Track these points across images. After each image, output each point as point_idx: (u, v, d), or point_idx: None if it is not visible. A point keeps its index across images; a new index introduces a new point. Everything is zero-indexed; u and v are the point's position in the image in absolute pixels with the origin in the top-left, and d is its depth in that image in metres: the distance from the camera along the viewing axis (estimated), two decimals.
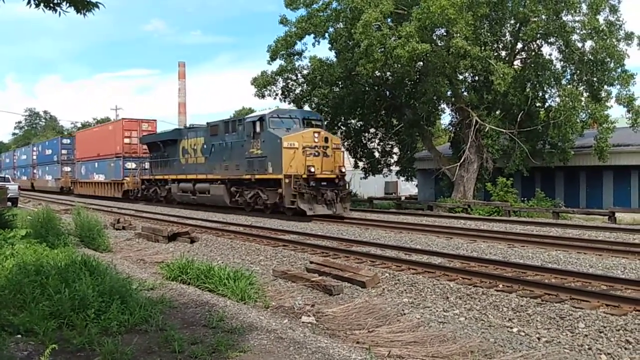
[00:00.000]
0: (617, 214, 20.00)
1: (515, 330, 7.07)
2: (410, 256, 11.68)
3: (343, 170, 21.44)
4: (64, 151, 49.72)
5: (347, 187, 21.72)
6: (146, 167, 34.50)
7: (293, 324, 6.91)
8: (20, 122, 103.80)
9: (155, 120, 38.63)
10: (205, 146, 26.16)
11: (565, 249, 12.12)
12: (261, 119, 21.85)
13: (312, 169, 20.18)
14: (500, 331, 7.02)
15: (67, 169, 48.63)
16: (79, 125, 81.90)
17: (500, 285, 8.78)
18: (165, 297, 7.40)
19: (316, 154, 20.80)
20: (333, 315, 7.85)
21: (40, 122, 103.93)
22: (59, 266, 7.95)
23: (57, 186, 49.25)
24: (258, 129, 21.84)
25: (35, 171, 58.28)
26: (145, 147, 35.23)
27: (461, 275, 9.65)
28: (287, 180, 20.11)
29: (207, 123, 26.87)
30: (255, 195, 22.73)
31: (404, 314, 7.85)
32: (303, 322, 7.38)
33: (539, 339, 6.71)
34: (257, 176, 22.04)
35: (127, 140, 36.60)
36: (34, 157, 58.37)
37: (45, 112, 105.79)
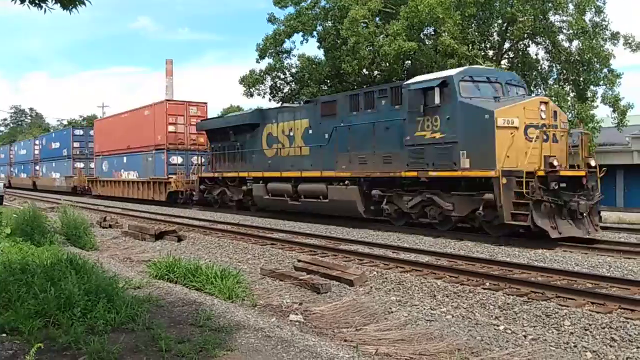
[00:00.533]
0: (602, 213, 20.12)
1: (501, 328, 7.11)
2: (397, 254, 11.71)
3: (593, 163, 13.90)
4: (76, 144, 41.68)
5: (596, 190, 13.78)
6: (202, 161, 26.61)
7: (281, 323, 6.91)
8: (5, 120, 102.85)
9: (206, 103, 30.50)
10: (311, 131, 18.77)
11: (552, 247, 12.20)
12: (444, 83, 13.94)
13: (555, 163, 12.74)
14: (487, 329, 7.07)
15: (80, 165, 40.95)
16: (65, 122, 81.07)
17: (487, 284, 8.83)
18: (152, 296, 7.36)
19: (545, 137, 13.25)
20: (321, 313, 7.85)
21: (26, 120, 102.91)
22: (45, 265, 7.90)
23: (67, 185, 41.03)
24: (437, 100, 13.92)
25: (37, 168, 50.36)
26: (194, 137, 28.61)
27: (448, 273, 9.69)
28: (505, 180, 12.58)
29: (313, 100, 21.16)
30: (424, 203, 14.87)
31: (392, 312, 7.88)
32: (291, 321, 7.38)
33: (525, 336, 6.76)
34: (433, 173, 14.19)
35: (171, 128, 28.38)
36: (36, 152, 50.46)
37: (31, 109, 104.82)
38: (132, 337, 5.55)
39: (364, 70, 28.70)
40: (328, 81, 31.82)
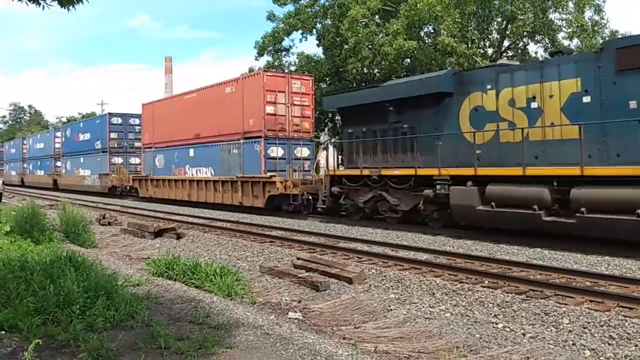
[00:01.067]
0: None
1: (500, 326, 7.12)
2: (396, 252, 11.72)
3: None
4: (113, 134, 35.16)
5: None
6: (309, 154, 21.70)
7: (280, 320, 6.91)
8: (4, 117, 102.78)
9: (311, 77, 23.42)
10: (588, 98, 12.00)
11: (550, 245, 12.20)
12: None
13: None
14: (486, 327, 7.07)
15: (118, 160, 34.82)
16: (64, 119, 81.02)
17: (486, 282, 8.85)
18: (151, 293, 7.37)
19: None
20: (320, 311, 7.86)
21: (25, 117, 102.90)
22: (44, 262, 7.89)
23: (102, 185, 34.70)
24: None
25: (58, 164, 43.78)
26: (297, 121, 21.79)
27: (447, 271, 9.71)
28: None
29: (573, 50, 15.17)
30: None
31: (391, 310, 7.88)
32: (290, 318, 7.39)
33: (523, 334, 6.76)
34: None
35: (270, 109, 21.11)
36: (57, 145, 44.08)
37: (30, 106, 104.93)
38: (131, 335, 5.56)
39: (364, 69, 28.72)
40: (327, 79, 31.83)
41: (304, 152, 21.86)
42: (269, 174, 20.75)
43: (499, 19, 26.88)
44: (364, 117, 17.10)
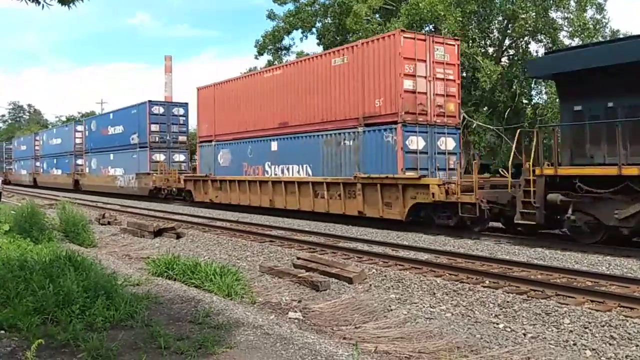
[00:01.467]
0: None
1: (501, 326, 7.10)
2: (397, 252, 11.70)
3: None
4: (154, 127, 29.98)
5: None
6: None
7: (280, 320, 6.90)
8: (3, 116, 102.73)
9: (457, 41, 17.40)
10: None
11: (551, 245, 12.19)
12: None
13: None
14: (487, 327, 7.05)
15: (160, 157, 29.91)
16: (63, 118, 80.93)
17: (487, 282, 8.83)
18: (151, 293, 7.35)
19: None
20: (320, 311, 7.84)
21: (24, 116, 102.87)
22: (44, 261, 7.88)
23: (140, 186, 29.83)
24: None
25: (80, 162, 38.98)
26: (441, 101, 16.16)
27: (448, 271, 9.69)
28: None
29: None
30: None
31: (391, 310, 7.86)
32: (290, 318, 7.37)
33: (524, 334, 6.75)
34: None
35: (408, 84, 15.59)
36: (78, 141, 39.32)
37: (29, 105, 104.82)
38: (131, 334, 5.54)
39: None
40: None
41: (449, 143, 16.34)
42: (407, 173, 15.42)
43: (500, 18, 26.90)
44: (609, 85, 11.43)
